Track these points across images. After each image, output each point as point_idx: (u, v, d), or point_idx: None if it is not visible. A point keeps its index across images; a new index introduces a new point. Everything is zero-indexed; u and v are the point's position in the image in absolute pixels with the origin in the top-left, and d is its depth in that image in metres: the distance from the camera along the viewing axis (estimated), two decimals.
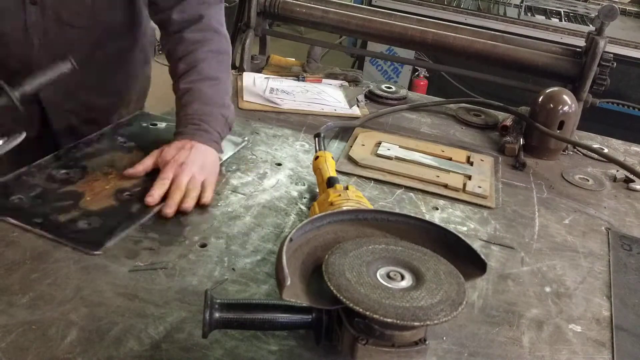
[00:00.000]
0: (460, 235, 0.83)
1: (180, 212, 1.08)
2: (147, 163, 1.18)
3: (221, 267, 0.96)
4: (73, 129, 1.42)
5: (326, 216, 0.85)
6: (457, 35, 1.69)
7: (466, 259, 0.81)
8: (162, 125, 1.40)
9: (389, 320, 0.66)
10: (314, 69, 1.85)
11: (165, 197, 1.10)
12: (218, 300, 0.76)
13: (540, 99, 1.52)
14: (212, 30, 1.34)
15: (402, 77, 3.64)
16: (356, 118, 1.60)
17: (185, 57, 1.30)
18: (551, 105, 1.49)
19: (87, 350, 0.76)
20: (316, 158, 1.19)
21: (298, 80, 1.79)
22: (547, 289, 1.02)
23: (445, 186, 1.30)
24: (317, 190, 1.15)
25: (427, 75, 3.55)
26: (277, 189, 1.21)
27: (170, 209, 1.07)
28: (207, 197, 1.13)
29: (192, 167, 1.14)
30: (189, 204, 1.09)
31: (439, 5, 3.47)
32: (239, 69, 1.79)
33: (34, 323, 0.80)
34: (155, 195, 1.09)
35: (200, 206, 1.11)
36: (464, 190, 1.29)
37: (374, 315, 0.66)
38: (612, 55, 1.54)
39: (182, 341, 0.80)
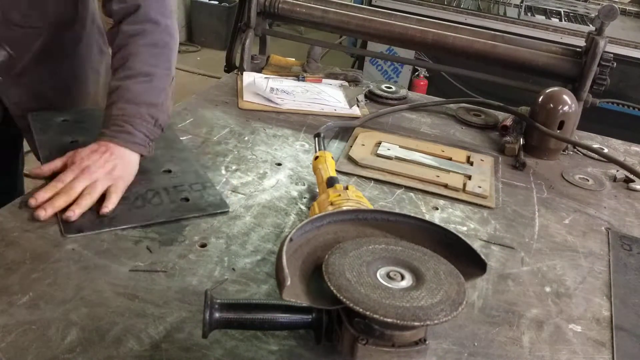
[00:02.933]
0: (460, 235, 0.83)
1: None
2: (56, 163, 1.09)
3: (221, 267, 0.96)
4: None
5: (326, 216, 0.85)
6: (457, 35, 1.69)
7: (466, 259, 0.81)
8: None
9: (389, 320, 0.66)
10: (314, 69, 1.85)
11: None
12: (218, 300, 0.76)
13: (540, 99, 1.52)
14: (150, 21, 1.22)
15: (402, 77, 3.63)
16: (356, 118, 1.60)
17: (119, 51, 1.20)
18: (551, 105, 1.49)
19: (87, 350, 0.77)
20: (316, 158, 1.19)
21: (298, 80, 1.79)
22: (547, 289, 1.02)
23: (445, 186, 1.30)
24: (317, 190, 1.15)
25: (427, 75, 3.54)
26: (277, 189, 1.21)
27: (43, 211, 0.99)
28: (107, 207, 1.03)
29: (96, 172, 1.05)
30: (74, 212, 0.99)
31: (439, 5, 3.47)
32: (239, 69, 1.79)
33: (34, 323, 0.80)
34: (38, 197, 1.01)
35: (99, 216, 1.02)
36: (464, 190, 1.29)
37: (374, 315, 0.66)
38: (612, 55, 1.53)
39: (182, 341, 0.80)
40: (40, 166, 1.10)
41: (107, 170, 1.07)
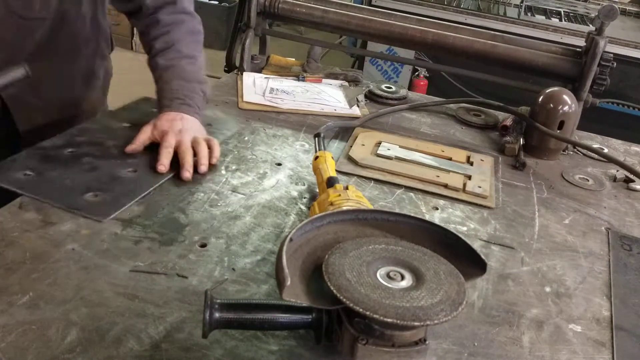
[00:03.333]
0: (460, 235, 0.83)
1: (199, 172, 1.20)
2: (143, 137, 1.25)
3: (221, 267, 0.96)
4: (38, 129, 1.39)
5: (326, 216, 0.85)
6: (457, 35, 1.69)
7: (466, 259, 0.81)
8: None
9: (389, 320, 0.66)
10: (314, 69, 1.85)
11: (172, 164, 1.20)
12: (218, 300, 0.76)
13: (540, 99, 1.52)
14: (185, 12, 1.46)
15: (402, 77, 3.63)
16: (356, 118, 1.60)
17: (161, 36, 1.40)
18: (551, 105, 1.49)
19: (87, 350, 0.76)
20: (316, 158, 1.19)
21: (298, 80, 1.79)
22: (547, 289, 1.02)
23: (445, 186, 1.30)
24: (317, 190, 1.15)
25: (427, 75, 3.54)
26: (277, 189, 1.21)
27: (188, 172, 1.17)
28: (217, 154, 1.25)
29: (190, 132, 1.24)
30: (204, 165, 1.20)
31: (439, 5, 3.47)
32: (239, 69, 1.79)
33: (34, 323, 0.80)
34: (165, 163, 1.18)
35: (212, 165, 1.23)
36: (464, 190, 1.29)
37: (374, 315, 0.66)
38: (612, 55, 1.53)
39: (182, 341, 0.80)
40: (133, 144, 1.24)
41: (196, 129, 1.27)
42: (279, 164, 1.32)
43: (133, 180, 1.16)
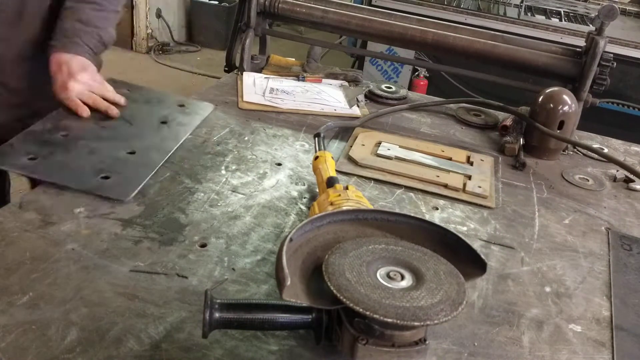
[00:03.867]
0: (460, 235, 0.83)
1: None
2: (75, 101, 1.32)
3: (221, 267, 0.96)
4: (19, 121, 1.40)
5: (326, 216, 0.85)
6: (457, 35, 1.69)
7: (466, 259, 0.81)
8: None
9: (389, 320, 0.66)
10: (314, 69, 1.85)
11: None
12: (218, 300, 0.76)
13: (540, 99, 1.52)
14: None
15: (402, 77, 3.63)
16: (356, 118, 1.60)
17: None
18: (551, 105, 1.49)
19: (87, 350, 0.77)
20: (316, 158, 1.19)
21: (298, 80, 1.79)
22: (547, 289, 1.02)
23: (445, 186, 1.30)
24: (317, 190, 1.15)
25: (427, 75, 3.54)
26: (277, 189, 1.21)
27: (113, 111, 1.32)
28: (117, 98, 1.36)
29: (77, 75, 1.31)
30: (114, 110, 1.33)
31: (439, 5, 3.47)
32: (239, 69, 1.79)
33: (34, 323, 0.80)
34: (84, 110, 1.30)
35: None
36: (464, 190, 1.29)
37: (374, 315, 0.67)
38: (612, 55, 1.53)
39: (182, 341, 0.80)
40: (78, 111, 1.31)
41: (81, 68, 1.33)
42: (279, 164, 1.32)
43: (135, 160, 1.19)
